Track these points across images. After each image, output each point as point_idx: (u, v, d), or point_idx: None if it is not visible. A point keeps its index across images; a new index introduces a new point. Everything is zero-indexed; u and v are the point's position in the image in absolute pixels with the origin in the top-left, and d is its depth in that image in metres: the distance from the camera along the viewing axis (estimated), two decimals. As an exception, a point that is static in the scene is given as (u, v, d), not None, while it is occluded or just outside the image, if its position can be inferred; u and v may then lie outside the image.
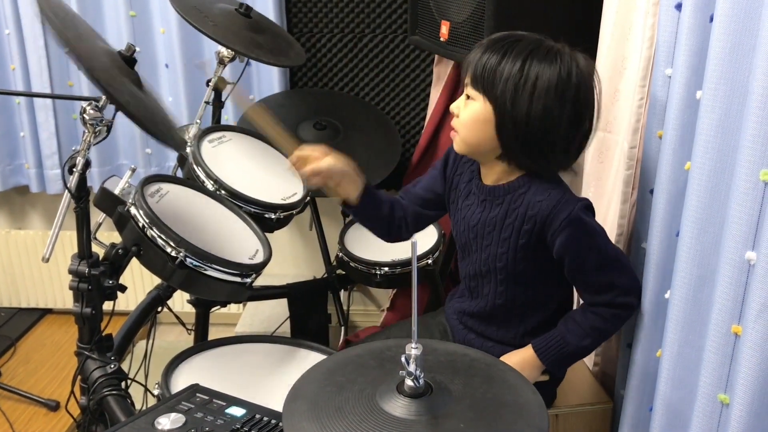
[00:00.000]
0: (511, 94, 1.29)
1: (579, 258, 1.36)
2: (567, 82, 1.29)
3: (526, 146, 1.33)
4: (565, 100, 1.30)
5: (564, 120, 1.30)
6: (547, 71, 1.28)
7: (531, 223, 1.34)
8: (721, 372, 1.20)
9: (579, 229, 1.33)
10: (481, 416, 0.93)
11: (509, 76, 1.29)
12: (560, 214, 1.32)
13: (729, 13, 1.16)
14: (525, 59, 1.29)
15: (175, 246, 1.43)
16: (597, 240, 1.36)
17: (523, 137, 1.31)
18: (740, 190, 1.13)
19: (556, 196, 1.34)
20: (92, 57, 1.31)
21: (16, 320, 2.89)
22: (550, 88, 1.28)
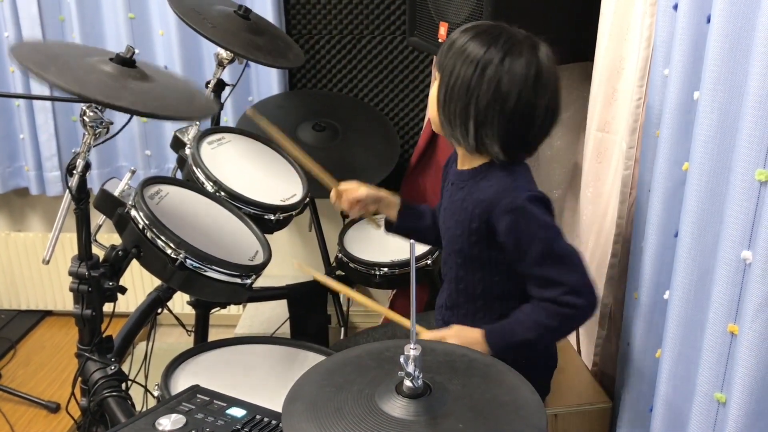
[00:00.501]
0: (458, 81, 1.33)
1: (519, 247, 1.34)
2: (524, 80, 1.33)
3: (459, 121, 1.36)
4: (518, 91, 1.32)
5: (509, 106, 1.32)
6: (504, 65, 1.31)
7: (480, 207, 1.37)
8: (718, 371, 1.20)
9: (521, 217, 1.33)
10: (479, 416, 0.93)
11: (455, 60, 1.34)
12: (503, 200, 1.34)
13: (726, 14, 1.16)
14: (488, 49, 1.32)
15: (175, 247, 1.44)
16: (541, 232, 1.33)
17: (455, 112, 1.35)
18: (736, 190, 1.13)
19: (504, 183, 1.36)
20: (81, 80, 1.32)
21: (17, 322, 2.90)
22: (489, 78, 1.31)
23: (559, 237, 1.35)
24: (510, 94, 1.33)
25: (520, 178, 1.38)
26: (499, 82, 1.32)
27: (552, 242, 1.33)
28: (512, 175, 1.38)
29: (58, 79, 1.28)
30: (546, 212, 1.35)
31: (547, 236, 1.33)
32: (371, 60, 2.53)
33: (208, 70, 2.53)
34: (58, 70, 1.32)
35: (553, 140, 2.37)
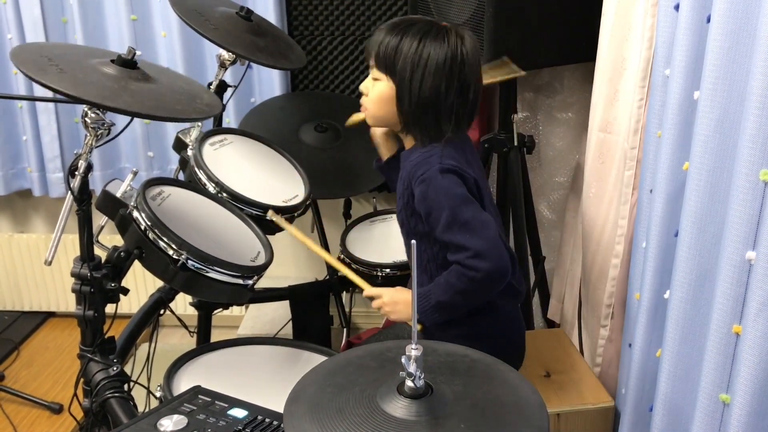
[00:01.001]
0: (408, 73, 1.44)
1: (429, 215, 1.44)
2: (454, 60, 1.44)
3: (419, 118, 1.47)
4: (453, 76, 1.44)
5: (452, 93, 1.44)
6: (438, 50, 1.43)
7: (406, 182, 1.50)
8: (722, 372, 1.20)
9: (430, 186, 1.42)
10: (481, 416, 0.93)
11: (407, 56, 1.43)
12: (418, 172, 1.45)
13: (726, 13, 1.16)
14: (420, 40, 1.43)
15: (177, 248, 1.44)
16: (448, 201, 1.41)
17: (418, 110, 1.46)
18: (740, 189, 1.13)
19: (421, 156, 1.46)
20: (78, 82, 1.33)
21: (20, 324, 2.90)
22: (439, 65, 1.42)
23: (465, 205, 1.41)
24: (472, 82, 1.46)
25: (436, 151, 1.46)
26: (461, 76, 1.44)
27: (457, 209, 1.40)
28: (430, 150, 1.46)
29: (56, 83, 1.28)
30: (456, 183, 1.42)
31: (453, 204, 1.40)
32: (373, 61, 2.53)
33: (211, 71, 2.53)
34: (57, 73, 1.33)
35: (555, 141, 2.37)
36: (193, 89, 1.58)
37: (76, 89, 1.30)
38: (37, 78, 1.28)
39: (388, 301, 1.53)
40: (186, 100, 1.48)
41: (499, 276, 1.41)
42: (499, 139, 2.07)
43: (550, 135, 2.36)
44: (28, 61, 1.34)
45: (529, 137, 2.11)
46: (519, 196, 2.05)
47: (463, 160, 1.47)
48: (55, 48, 1.49)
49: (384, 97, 1.48)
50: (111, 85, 1.37)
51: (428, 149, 1.47)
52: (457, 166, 1.43)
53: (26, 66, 1.31)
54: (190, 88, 1.58)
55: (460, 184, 1.42)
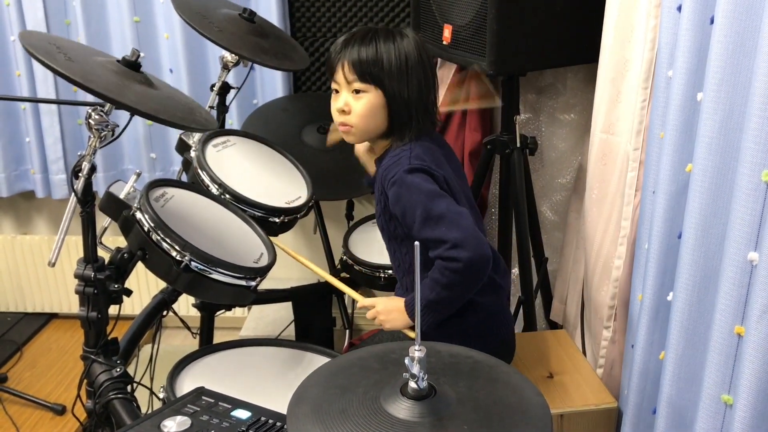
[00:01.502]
0: (396, 77, 1.47)
1: (405, 216, 1.45)
2: (421, 56, 1.50)
3: (409, 118, 1.50)
4: (425, 70, 1.50)
5: (429, 87, 1.51)
6: (409, 49, 1.48)
7: (381, 186, 1.52)
8: (725, 373, 1.20)
9: (401, 187, 1.44)
10: (484, 418, 0.93)
11: (390, 61, 1.47)
12: (389, 175, 1.47)
13: (730, 14, 1.16)
14: (393, 44, 1.48)
15: (180, 250, 1.44)
16: (419, 198, 1.42)
17: (408, 111, 1.49)
18: (743, 191, 1.13)
19: (391, 160, 1.49)
20: (86, 72, 1.33)
21: (22, 325, 2.91)
22: (416, 62, 1.48)
23: (437, 199, 1.43)
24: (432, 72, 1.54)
25: (405, 153, 1.48)
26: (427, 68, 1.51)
27: (429, 204, 1.42)
28: (400, 153, 1.49)
29: (65, 69, 1.28)
30: (425, 180, 1.44)
31: (425, 200, 1.42)
32: (375, 62, 2.54)
33: (213, 73, 2.54)
34: (65, 60, 1.33)
35: (558, 142, 2.37)
36: (191, 104, 1.58)
37: (84, 78, 1.30)
38: (47, 62, 1.27)
39: (382, 309, 1.53)
40: (186, 110, 1.49)
41: (481, 264, 1.41)
42: (501, 140, 2.07)
43: (552, 136, 2.36)
44: (37, 46, 1.33)
45: (531, 138, 2.11)
46: (521, 197, 2.05)
47: (431, 159, 1.49)
48: (61, 40, 1.49)
49: (374, 109, 1.49)
50: (116, 82, 1.37)
51: (397, 152, 1.49)
52: (425, 164, 1.46)
53: (36, 50, 1.30)
54: (188, 102, 1.59)
55: (429, 181, 1.44)
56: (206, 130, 1.65)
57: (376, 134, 1.54)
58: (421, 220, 1.41)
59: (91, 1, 2.49)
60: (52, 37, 1.50)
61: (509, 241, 2.15)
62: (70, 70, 1.29)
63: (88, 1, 2.49)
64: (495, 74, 1.89)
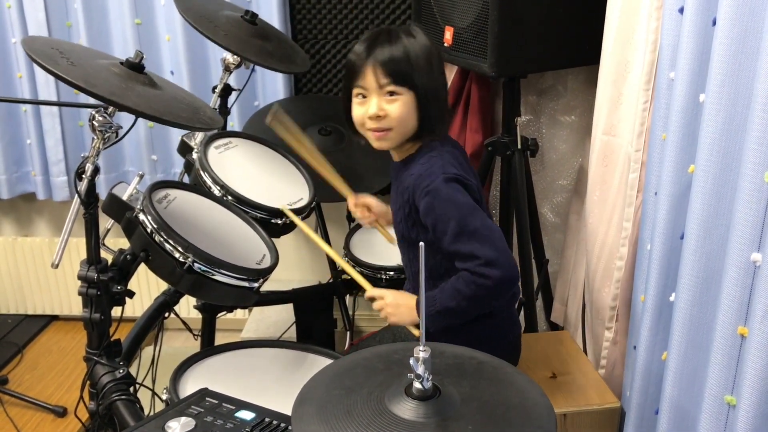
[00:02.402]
0: (426, 76, 1.44)
1: (437, 226, 1.41)
2: (439, 52, 1.49)
3: (438, 117, 1.47)
4: (441, 62, 1.50)
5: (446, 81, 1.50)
6: (427, 43, 1.46)
7: (408, 193, 1.47)
8: (728, 373, 1.20)
9: (436, 198, 1.40)
10: (489, 418, 0.93)
11: (419, 60, 1.43)
12: (422, 184, 1.42)
13: (732, 16, 1.17)
14: (414, 41, 1.44)
15: (183, 251, 1.44)
16: (454, 211, 1.39)
17: (437, 110, 1.47)
18: (745, 192, 1.13)
19: (425, 167, 1.44)
20: (88, 76, 1.33)
21: (23, 327, 2.91)
22: (437, 59, 1.47)
23: (472, 214, 1.40)
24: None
25: (436, 161, 1.45)
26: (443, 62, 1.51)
27: (465, 219, 1.39)
28: (430, 161, 1.45)
29: (68, 74, 1.29)
30: (460, 191, 1.41)
31: (461, 214, 1.39)
32: (376, 64, 2.54)
33: (215, 75, 2.54)
34: (68, 65, 1.33)
35: (559, 144, 2.37)
36: (196, 102, 1.59)
37: (87, 83, 1.30)
38: (50, 68, 1.28)
39: (391, 302, 1.51)
40: (190, 110, 1.49)
41: (510, 284, 1.40)
42: (502, 142, 2.07)
43: (553, 138, 2.37)
44: (40, 51, 1.34)
45: (532, 140, 2.11)
46: (522, 199, 2.05)
47: (461, 166, 1.46)
48: (64, 44, 1.50)
49: (410, 110, 1.45)
50: (119, 84, 1.37)
51: (426, 159, 1.45)
52: (459, 174, 1.43)
53: (39, 56, 1.31)
54: (193, 101, 1.59)
55: (463, 193, 1.41)
56: (212, 129, 1.64)
57: (409, 137, 1.49)
58: (455, 232, 1.38)
59: (92, 3, 2.50)
60: (54, 41, 1.50)
61: (510, 242, 2.15)
62: (73, 75, 1.30)
63: (90, 3, 2.49)
64: (496, 76, 1.90)
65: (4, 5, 2.53)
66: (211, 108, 1.65)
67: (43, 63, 1.28)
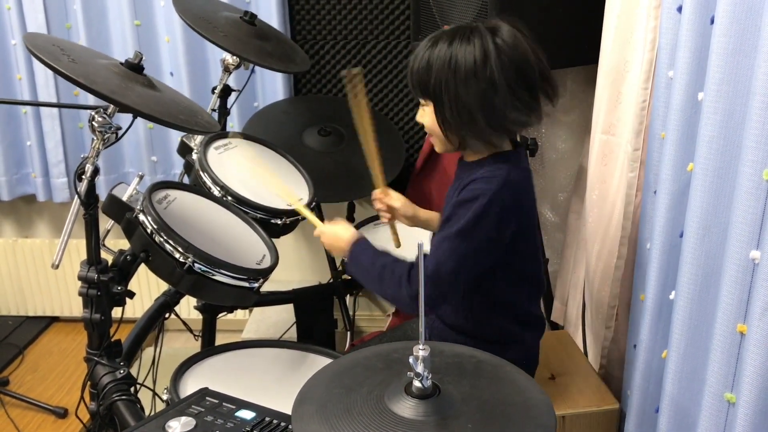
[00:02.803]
0: (442, 88, 1.34)
1: (450, 216, 1.37)
2: (487, 57, 1.32)
3: (470, 130, 1.38)
4: (491, 74, 1.32)
5: (500, 94, 1.33)
6: (470, 54, 1.32)
7: (458, 187, 1.41)
8: (727, 371, 1.20)
9: (472, 202, 1.34)
10: (489, 417, 0.94)
11: (439, 71, 1.34)
12: (472, 185, 1.37)
13: (730, 14, 1.17)
14: (452, 49, 1.34)
15: (183, 251, 1.44)
16: (472, 220, 1.34)
17: (465, 122, 1.36)
18: (744, 190, 1.13)
19: (487, 172, 1.38)
20: (89, 74, 1.34)
21: (24, 328, 2.91)
22: (474, 68, 1.32)
23: (474, 237, 1.34)
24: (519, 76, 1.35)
25: (501, 175, 1.37)
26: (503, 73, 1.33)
27: (465, 235, 1.34)
28: (495, 172, 1.38)
29: (69, 71, 1.29)
30: (491, 219, 1.34)
31: (468, 229, 1.34)
32: (376, 65, 2.55)
33: (214, 75, 2.55)
34: (69, 62, 1.34)
35: (558, 143, 2.37)
36: (194, 107, 1.60)
37: (87, 80, 1.30)
38: (51, 64, 1.28)
39: (327, 232, 1.55)
40: (188, 112, 1.50)
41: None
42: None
43: (552, 137, 2.37)
44: (41, 48, 1.34)
45: (531, 140, 2.10)
46: (522, 198, 2.05)
47: (520, 191, 1.40)
48: (65, 42, 1.50)
49: (437, 123, 1.41)
50: (119, 84, 1.38)
51: (493, 170, 1.38)
52: (506, 206, 1.35)
53: (40, 52, 1.31)
54: (191, 105, 1.60)
55: (492, 224, 1.35)
56: (208, 132, 1.65)
57: (455, 146, 1.44)
58: (449, 233, 1.35)
59: (91, 5, 2.50)
60: (55, 39, 1.51)
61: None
62: (74, 72, 1.30)
63: (89, 5, 2.49)
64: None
65: (4, 6, 2.54)
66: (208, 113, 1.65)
67: (44, 59, 1.28)
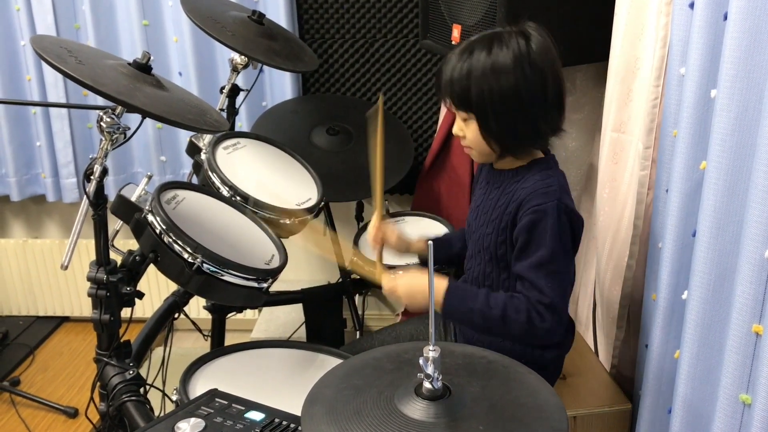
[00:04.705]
0: (488, 99, 1.34)
1: (526, 247, 1.35)
2: (521, 63, 1.33)
3: (515, 137, 1.39)
4: (527, 79, 1.33)
5: (536, 97, 1.35)
6: (505, 61, 1.33)
7: (513, 207, 1.39)
8: (743, 372, 1.19)
9: (542, 221, 1.33)
10: (500, 418, 0.93)
11: (479, 83, 1.34)
12: (534, 201, 1.35)
13: (743, 10, 1.15)
14: (485, 57, 1.34)
15: (192, 252, 1.44)
16: (552, 242, 1.33)
17: (510, 131, 1.37)
18: (758, 188, 1.12)
19: (542, 184, 1.37)
20: (96, 75, 1.33)
21: (34, 328, 2.92)
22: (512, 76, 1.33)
23: (565, 255, 1.35)
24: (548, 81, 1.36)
25: (554, 182, 1.38)
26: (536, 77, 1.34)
27: (556, 256, 1.33)
28: (548, 180, 1.38)
29: (77, 73, 1.29)
30: (566, 227, 1.35)
31: (555, 249, 1.33)
32: (384, 63, 2.54)
33: (222, 75, 2.55)
34: (76, 64, 1.34)
35: (568, 142, 2.35)
36: (203, 105, 1.59)
37: (95, 81, 1.30)
38: (58, 66, 1.28)
39: (403, 286, 1.46)
40: (197, 111, 1.49)
41: (552, 335, 1.35)
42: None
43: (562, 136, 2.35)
44: (48, 49, 1.34)
45: (541, 138, 2.10)
46: (532, 197, 2.03)
47: (569, 191, 1.41)
48: (72, 43, 1.50)
49: (481, 135, 1.40)
50: (127, 84, 1.37)
51: (541, 177, 1.38)
52: (572, 207, 1.37)
53: (47, 54, 1.31)
54: (200, 103, 1.59)
55: (568, 231, 1.35)
56: (218, 131, 1.64)
57: (497, 156, 1.44)
58: (538, 262, 1.33)
59: (100, 5, 2.50)
60: (63, 40, 1.51)
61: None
62: (81, 74, 1.30)
63: (98, 5, 2.50)
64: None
65: (13, 8, 2.55)
66: (217, 111, 1.65)
67: (51, 61, 1.28)
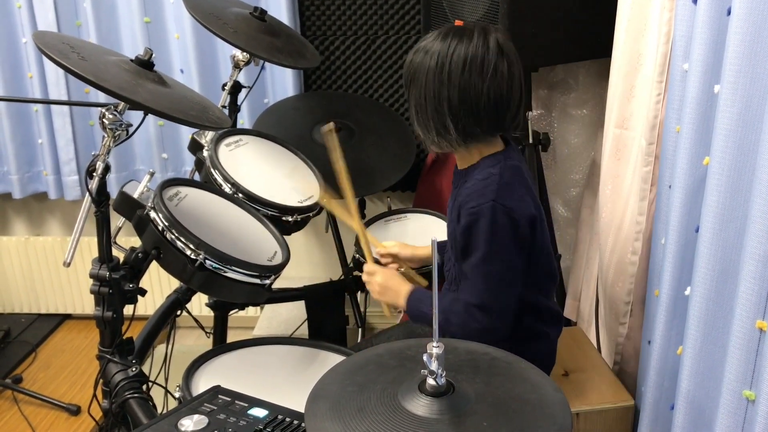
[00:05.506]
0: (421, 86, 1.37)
1: (466, 248, 1.38)
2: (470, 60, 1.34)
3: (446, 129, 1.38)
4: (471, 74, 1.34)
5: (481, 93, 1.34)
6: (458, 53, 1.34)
7: (456, 209, 1.41)
8: (746, 368, 1.18)
9: (477, 222, 1.35)
10: (503, 414, 0.92)
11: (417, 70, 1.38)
12: (470, 203, 1.36)
13: (747, 5, 1.15)
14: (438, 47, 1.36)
15: (195, 248, 1.44)
16: (486, 244, 1.35)
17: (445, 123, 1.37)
18: (762, 183, 1.11)
19: (480, 185, 1.37)
20: (98, 71, 1.33)
21: (36, 326, 2.92)
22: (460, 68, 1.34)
23: (499, 255, 1.36)
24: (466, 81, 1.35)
25: (493, 180, 1.37)
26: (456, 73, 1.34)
27: (490, 257, 1.36)
28: (489, 179, 1.37)
29: (79, 69, 1.29)
30: (502, 227, 1.35)
31: (489, 250, 1.35)
32: (386, 60, 2.53)
33: (224, 72, 2.54)
34: (78, 60, 1.33)
35: (571, 138, 2.35)
36: (205, 103, 1.59)
37: (97, 77, 1.30)
38: (61, 61, 1.28)
39: (380, 282, 1.55)
40: (199, 108, 1.49)
41: (490, 334, 1.37)
42: (513, 136, 2.06)
43: (565, 132, 2.35)
44: (50, 45, 1.34)
45: (543, 135, 2.09)
46: (534, 193, 2.03)
47: (519, 188, 1.39)
48: (74, 40, 1.50)
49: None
50: (129, 80, 1.37)
51: (485, 176, 1.38)
52: (511, 207, 1.35)
53: (49, 49, 1.31)
54: (202, 100, 1.59)
55: (508, 228, 1.35)
56: (220, 128, 1.64)
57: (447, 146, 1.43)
58: (476, 262, 1.37)
59: (101, 2, 2.50)
60: (65, 36, 1.51)
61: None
62: (84, 69, 1.30)
63: (99, 2, 2.50)
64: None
65: (15, 5, 2.54)
66: (219, 108, 1.64)
67: (53, 57, 1.28)
